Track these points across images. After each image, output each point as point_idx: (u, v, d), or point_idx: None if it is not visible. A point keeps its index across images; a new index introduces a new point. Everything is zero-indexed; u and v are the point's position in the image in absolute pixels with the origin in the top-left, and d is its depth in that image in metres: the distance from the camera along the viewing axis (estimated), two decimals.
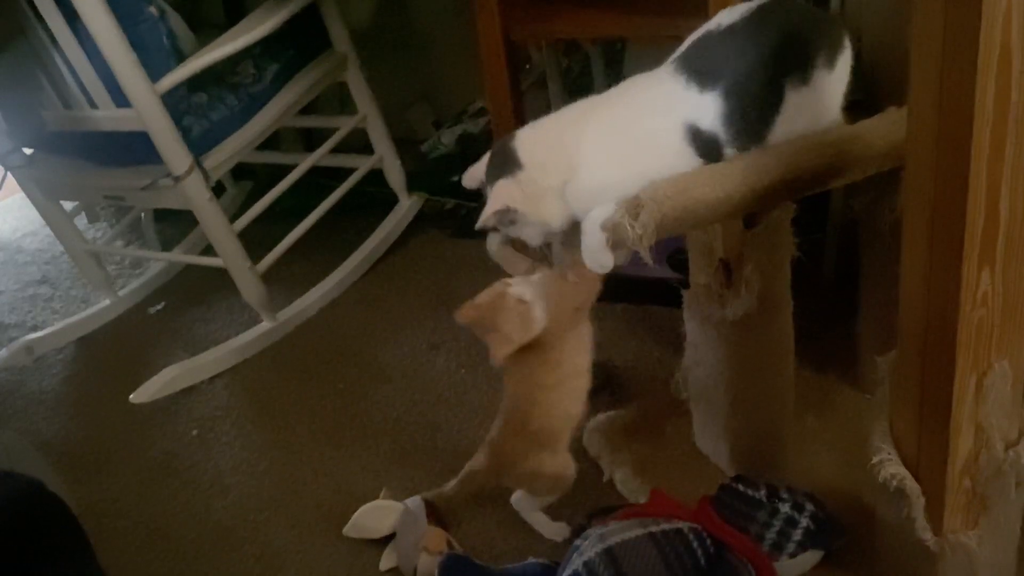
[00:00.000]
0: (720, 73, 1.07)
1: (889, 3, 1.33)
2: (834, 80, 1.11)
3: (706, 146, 1.09)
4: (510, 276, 1.34)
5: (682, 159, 1.09)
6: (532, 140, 1.13)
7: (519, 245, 1.28)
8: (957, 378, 0.94)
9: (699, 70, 1.09)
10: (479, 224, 1.14)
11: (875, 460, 1.06)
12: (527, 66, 2.33)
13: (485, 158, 1.18)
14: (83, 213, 2.70)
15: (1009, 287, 0.90)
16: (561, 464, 1.38)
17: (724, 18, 1.11)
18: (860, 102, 1.16)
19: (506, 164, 1.12)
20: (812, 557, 1.28)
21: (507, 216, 1.12)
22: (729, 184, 1.07)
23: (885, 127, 1.11)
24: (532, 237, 1.16)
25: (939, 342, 0.95)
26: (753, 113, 1.08)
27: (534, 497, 1.43)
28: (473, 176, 1.20)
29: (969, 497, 1.02)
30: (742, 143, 1.09)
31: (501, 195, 1.11)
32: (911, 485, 1.03)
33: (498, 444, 1.40)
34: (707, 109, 1.08)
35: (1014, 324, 0.93)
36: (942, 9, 0.81)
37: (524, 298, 1.28)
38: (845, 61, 1.11)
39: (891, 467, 1.04)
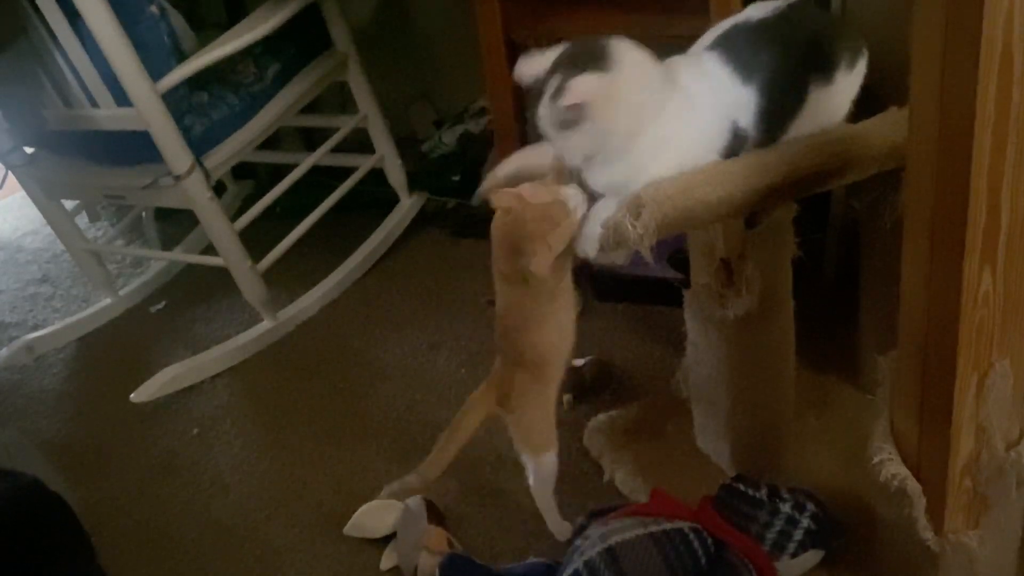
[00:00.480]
0: (758, 67, 1.07)
1: (890, 2, 1.33)
2: (851, 82, 1.12)
3: (736, 144, 1.08)
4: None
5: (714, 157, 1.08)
6: (632, 54, 1.04)
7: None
8: (958, 378, 0.94)
9: (740, 62, 1.07)
10: (539, 116, 1.05)
11: (876, 460, 1.06)
12: None
13: (552, 50, 1.07)
14: (84, 212, 2.69)
15: (1010, 286, 0.90)
16: (544, 413, 1.36)
17: (754, 12, 1.11)
18: (861, 101, 1.16)
19: (595, 59, 1.02)
20: (813, 557, 1.28)
21: (575, 115, 1.02)
22: (730, 184, 1.07)
23: (886, 127, 1.11)
24: (575, 151, 1.08)
25: (940, 342, 0.95)
26: (781, 110, 1.08)
27: (540, 476, 1.41)
28: (531, 67, 1.08)
29: (970, 497, 1.02)
30: (762, 140, 1.09)
31: (585, 88, 1.01)
32: (912, 485, 1.03)
33: (497, 371, 1.38)
34: (746, 104, 1.07)
35: (1015, 324, 0.93)
36: (943, 9, 0.81)
37: (578, 211, 1.15)
38: (862, 65, 1.12)
39: (892, 467, 1.04)
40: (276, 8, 1.93)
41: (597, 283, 1.97)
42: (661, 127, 1.05)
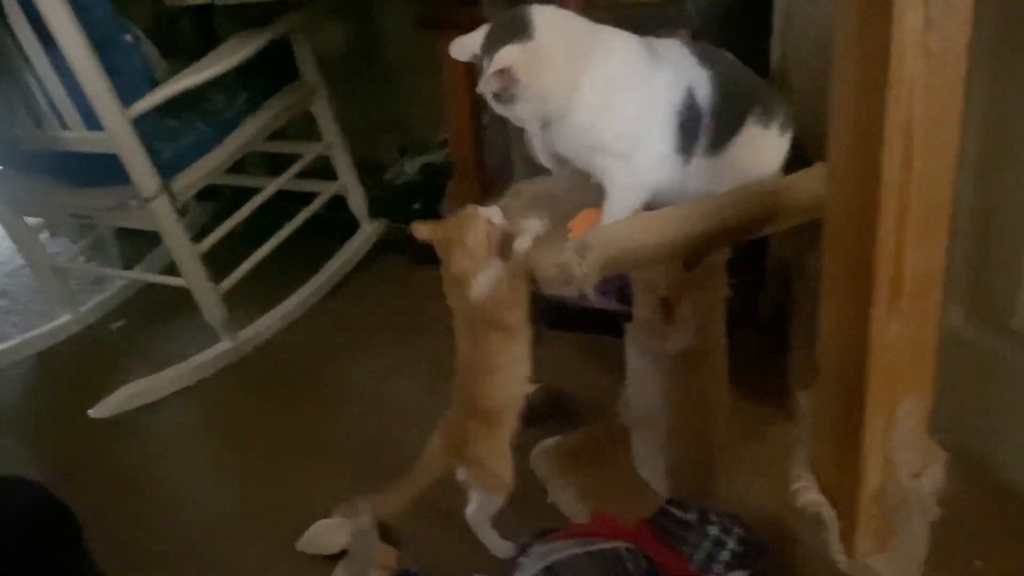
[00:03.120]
0: (715, 67, 1.18)
1: (818, 68, 1.43)
2: (781, 145, 1.24)
3: (690, 121, 1.16)
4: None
5: (668, 123, 1.15)
6: (552, 19, 1.13)
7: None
8: (867, 414, 1.02)
9: (703, 55, 1.18)
10: (479, 87, 1.12)
11: (795, 487, 1.13)
12: None
13: (481, 29, 1.16)
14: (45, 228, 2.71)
15: (915, 334, 0.99)
16: (500, 456, 1.42)
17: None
18: (791, 156, 1.26)
19: (516, 31, 1.11)
20: None
21: (508, 84, 1.11)
22: (669, 230, 1.16)
23: (810, 181, 1.21)
24: (525, 119, 1.16)
25: (852, 381, 1.02)
26: (728, 114, 1.18)
27: (484, 508, 1.48)
28: (464, 46, 1.17)
29: (878, 523, 1.10)
30: (709, 141, 1.18)
31: (506, 57, 1.10)
32: (827, 511, 1.10)
33: (451, 421, 1.44)
34: (702, 82, 1.16)
35: (919, 367, 1.02)
36: (855, 85, 0.90)
37: (493, 220, 1.28)
38: (789, 137, 1.25)
39: (809, 494, 1.12)
40: (247, 40, 2.00)
41: (549, 313, 2.04)
42: (599, 79, 1.13)
